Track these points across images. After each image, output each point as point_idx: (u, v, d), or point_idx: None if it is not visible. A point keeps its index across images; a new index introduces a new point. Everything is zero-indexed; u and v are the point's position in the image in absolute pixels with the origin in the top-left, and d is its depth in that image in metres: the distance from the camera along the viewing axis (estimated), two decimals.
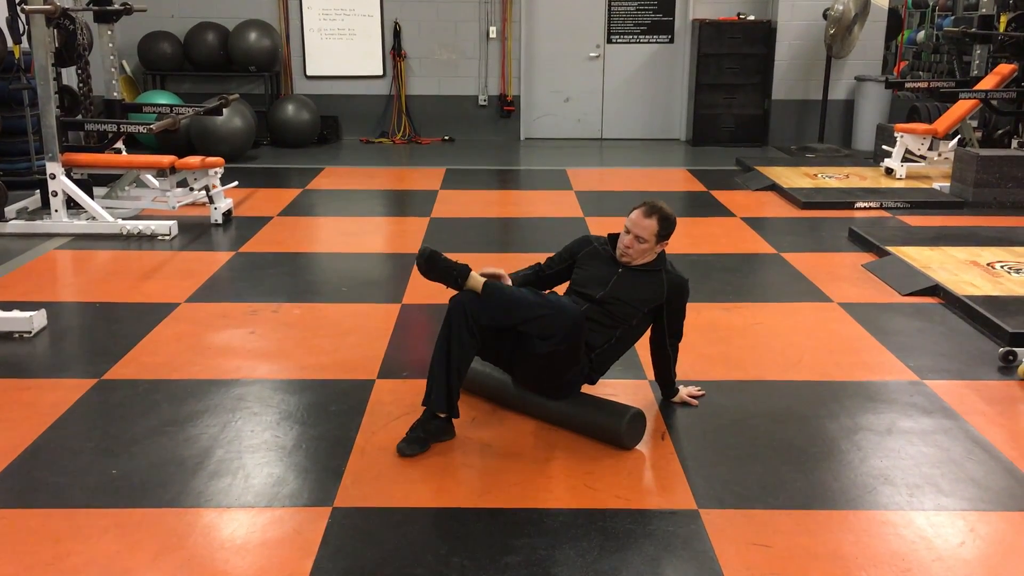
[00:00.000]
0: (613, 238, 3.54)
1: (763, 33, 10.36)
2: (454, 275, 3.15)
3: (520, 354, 3.31)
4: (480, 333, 3.17)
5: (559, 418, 3.41)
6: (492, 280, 3.23)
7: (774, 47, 10.36)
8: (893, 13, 11.00)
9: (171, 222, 6.23)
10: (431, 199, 7.62)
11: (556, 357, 3.24)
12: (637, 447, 3.28)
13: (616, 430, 3.25)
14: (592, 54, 10.91)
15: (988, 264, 5.37)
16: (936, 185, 7.81)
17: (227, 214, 6.65)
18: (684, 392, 3.66)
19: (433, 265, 3.15)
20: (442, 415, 3.22)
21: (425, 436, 3.20)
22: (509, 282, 3.34)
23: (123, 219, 6.34)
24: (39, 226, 6.30)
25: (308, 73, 10.63)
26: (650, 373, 3.78)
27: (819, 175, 8.29)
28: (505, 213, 7.53)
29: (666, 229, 3.40)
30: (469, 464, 3.17)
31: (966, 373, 4.01)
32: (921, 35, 13.62)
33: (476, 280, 3.17)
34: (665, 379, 3.63)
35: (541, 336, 3.17)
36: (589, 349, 3.39)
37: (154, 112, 7.17)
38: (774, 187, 7.91)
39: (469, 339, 3.16)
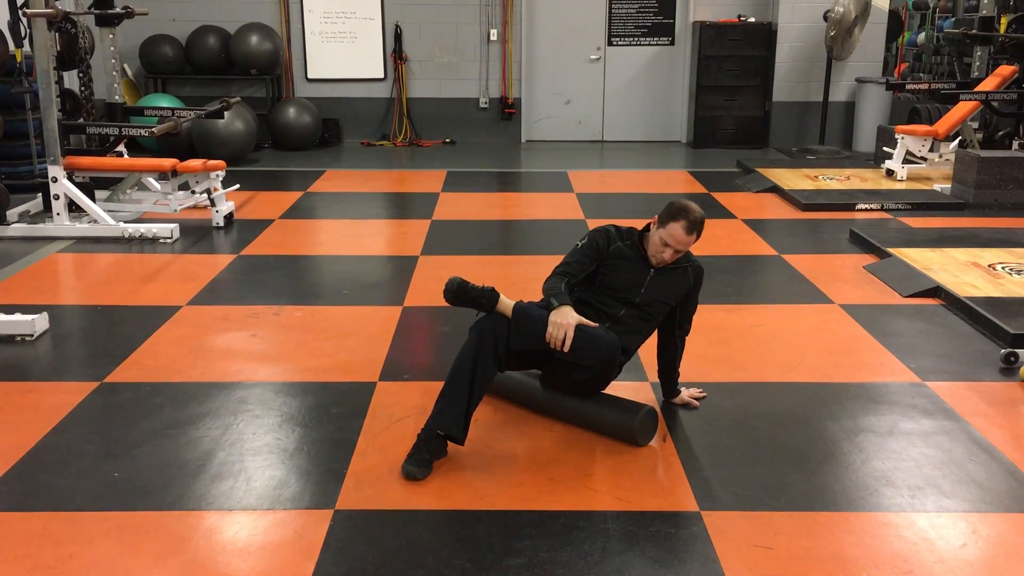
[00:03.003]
0: (632, 233, 3.48)
1: (764, 35, 10.36)
2: (483, 302, 3.15)
3: (553, 369, 3.36)
4: (507, 358, 3.17)
5: (572, 415, 3.43)
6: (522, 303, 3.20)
7: (775, 49, 10.36)
8: (894, 15, 11.00)
9: (172, 225, 6.24)
10: (432, 202, 7.62)
11: (590, 381, 3.31)
12: (639, 448, 3.28)
13: (629, 427, 3.27)
14: (593, 56, 10.91)
15: (989, 265, 5.37)
16: (937, 187, 7.81)
17: (228, 217, 6.65)
18: (686, 394, 3.66)
19: (462, 296, 3.14)
20: (441, 433, 3.14)
21: (430, 457, 3.13)
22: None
23: (125, 222, 6.35)
24: (41, 229, 6.30)
25: (309, 76, 10.64)
26: (652, 375, 3.78)
27: (820, 177, 8.29)
28: (506, 215, 7.53)
29: (701, 235, 3.38)
30: (470, 466, 3.16)
31: (967, 374, 4.01)
32: (922, 37, 13.61)
33: (505, 304, 3.16)
34: (669, 374, 3.63)
35: (577, 364, 3.20)
36: (623, 354, 3.41)
37: (156, 115, 7.17)
38: (775, 189, 7.91)
39: (494, 367, 3.16)
